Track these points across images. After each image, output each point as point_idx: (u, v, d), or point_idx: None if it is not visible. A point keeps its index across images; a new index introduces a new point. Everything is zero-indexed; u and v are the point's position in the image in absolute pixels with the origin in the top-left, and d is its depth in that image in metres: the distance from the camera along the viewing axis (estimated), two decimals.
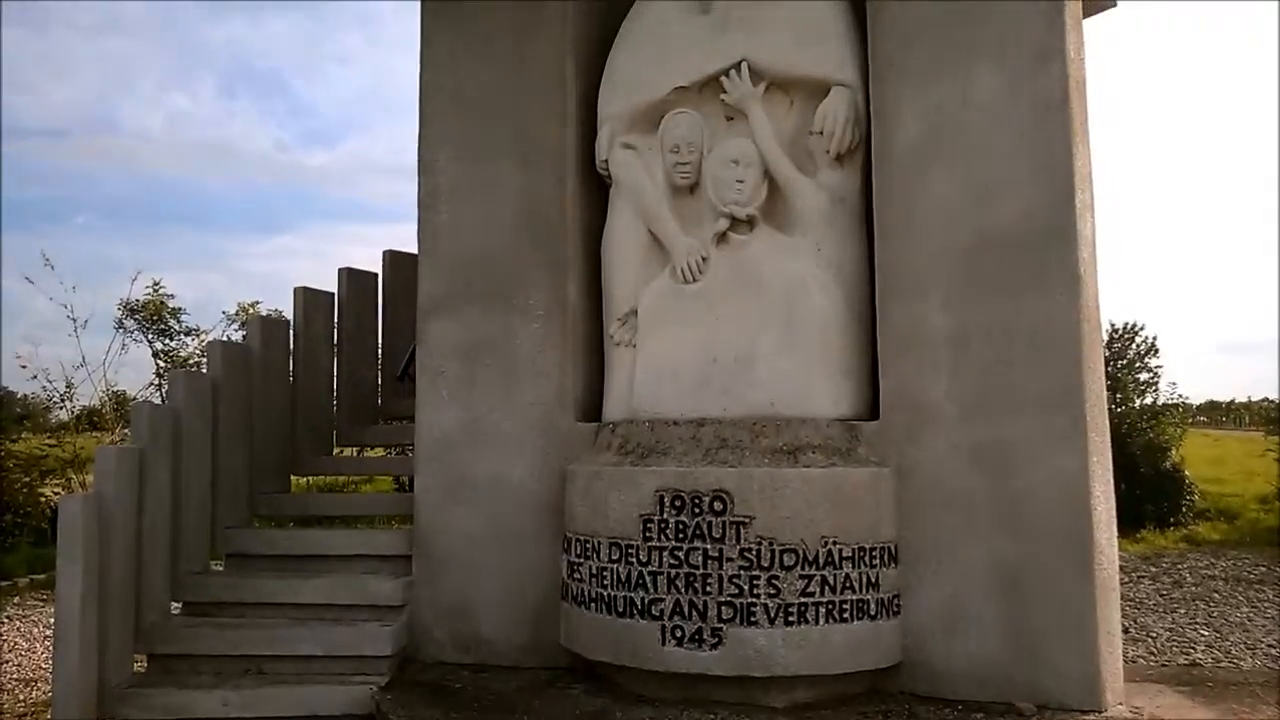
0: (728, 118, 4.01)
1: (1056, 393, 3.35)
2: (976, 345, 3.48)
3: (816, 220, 3.82)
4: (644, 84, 4.07)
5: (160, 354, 12.63)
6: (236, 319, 12.89)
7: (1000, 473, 3.41)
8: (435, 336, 4.27)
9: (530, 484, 4.10)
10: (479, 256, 4.24)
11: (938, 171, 3.60)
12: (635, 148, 4.10)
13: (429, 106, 4.37)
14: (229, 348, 4.96)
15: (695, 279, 3.88)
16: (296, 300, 5.60)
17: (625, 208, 4.12)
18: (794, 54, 3.89)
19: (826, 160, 3.84)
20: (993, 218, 3.48)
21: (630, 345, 4.01)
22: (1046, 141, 3.43)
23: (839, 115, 3.79)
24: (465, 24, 4.35)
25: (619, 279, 4.10)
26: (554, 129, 4.21)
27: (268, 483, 5.10)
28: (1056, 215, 3.39)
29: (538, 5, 4.25)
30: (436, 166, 4.33)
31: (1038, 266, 3.41)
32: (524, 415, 4.13)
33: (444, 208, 4.30)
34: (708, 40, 3.97)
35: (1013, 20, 3.52)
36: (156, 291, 12.64)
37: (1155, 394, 11.99)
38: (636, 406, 3.89)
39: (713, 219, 3.89)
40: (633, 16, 4.21)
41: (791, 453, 3.53)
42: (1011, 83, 3.50)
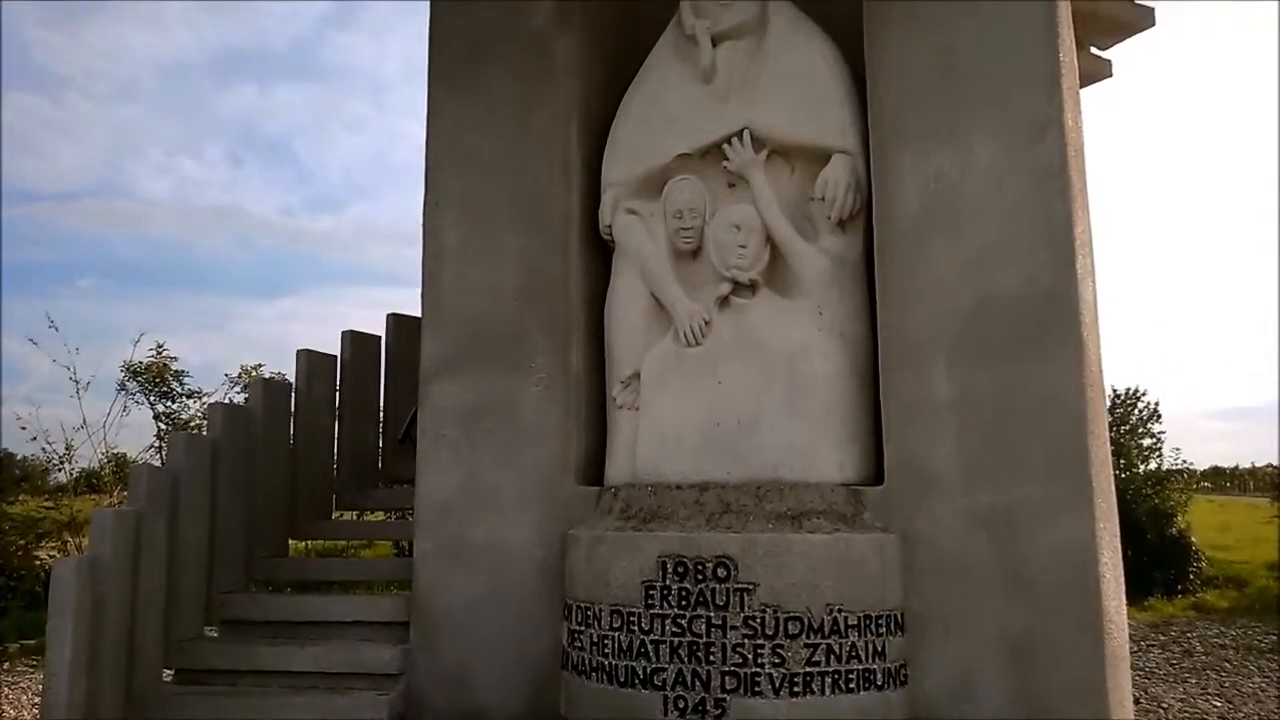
0: (730, 184, 4.06)
1: (1061, 458, 3.32)
2: (980, 410, 3.47)
3: (819, 285, 3.84)
4: (647, 151, 4.13)
5: (161, 416, 12.62)
6: (239, 381, 12.91)
7: (1007, 539, 3.36)
8: (437, 399, 4.26)
9: (531, 549, 4.05)
10: (482, 319, 4.26)
11: (939, 237, 3.63)
12: (638, 213, 4.15)
13: (434, 171, 4.43)
14: (230, 410, 4.95)
15: (698, 342, 3.89)
16: (299, 363, 5.61)
17: (628, 272, 4.15)
18: (795, 122, 3.95)
19: (828, 226, 3.88)
20: (994, 283, 3.50)
21: (633, 408, 4.00)
22: (1046, 208, 3.46)
23: (840, 182, 3.84)
24: (472, 92, 4.42)
25: (621, 342, 4.11)
26: (558, 194, 4.26)
27: (266, 547, 5.05)
28: (1057, 281, 3.41)
29: (543, 74, 4.33)
30: (441, 230, 4.37)
31: (1040, 331, 3.41)
32: (525, 479, 4.10)
33: (448, 271, 4.33)
34: (710, 109, 4.04)
35: (1011, 90, 3.57)
36: (160, 354, 12.68)
37: (1159, 460, 11.97)
38: (639, 470, 3.87)
39: (715, 283, 3.91)
40: (636, 85, 4.29)
41: (796, 518, 3.49)
42: (1011, 151, 3.54)
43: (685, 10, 4.13)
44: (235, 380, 13.01)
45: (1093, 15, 5.20)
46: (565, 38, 4.32)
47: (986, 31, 3.65)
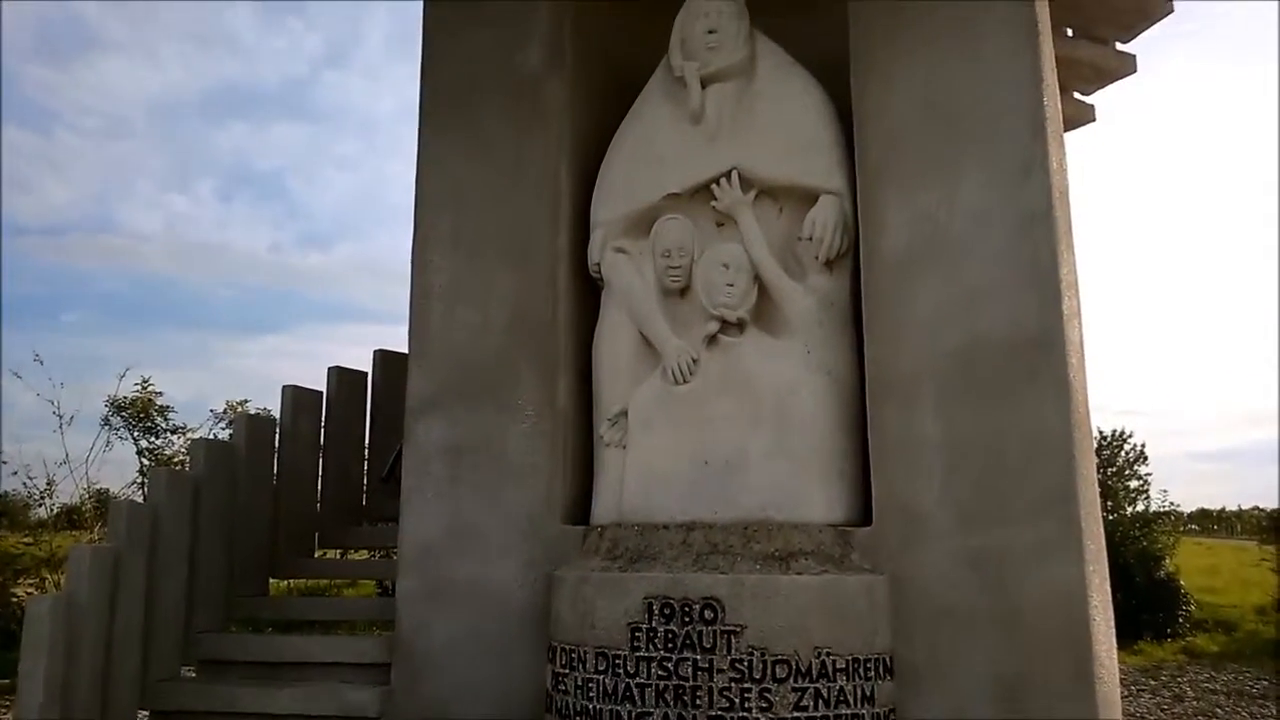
0: (718, 223, 4.08)
1: (1050, 499, 3.31)
2: (968, 451, 3.46)
3: (806, 324, 3.84)
4: (636, 191, 4.15)
5: (144, 452, 12.50)
6: (224, 417, 12.82)
7: (997, 581, 3.34)
8: (422, 436, 4.23)
9: (515, 589, 3.99)
10: (469, 356, 4.24)
11: (926, 277, 3.64)
12: (627, 251, 4.16)
13: (424, 208, 4.43)
14: (213, 446, 4.90)
15: (686, 380, 3.88)
16: (284, 399, 5.57)
17: (616, 309, 4.15)
18: (783, 163, 3.99)
19: (815, 265, 3.89)
20: (981, 323, 3.51)
21: (620, 446, 3.97)
22: (1032, 250, 3.48)
23: (827, 222, 3.86)
24: (463, 130, 4.45)
25: (609, 380, 4.09)
26: (547, 232, 4.26)
27: (246, 585, 4.97)
28: (1044, 322, 3.42)
29: (533, 114, 4.36)
30: (430, 267, 4.36)
31: (1027, 372, 3.41)
32: (511, 517, 4.06)
33: (435, 308, 4.32)
34: (699, 149, 4.07)
35: (996, 133, 3.61)
36: (145, 389, 12.59)
37: (1146, 502, 11.98)
38: (625, 510, 3.84)
39: (703, 322, 3.91)
40: (626, 125, 4.32)
41: (784, 559, 3.46)
42: (996, 192, 3.57)
43: (674, 53, 4.18)
44: (220, 416, 12.93)
45: (1075, 61, 5.29)
46: (555, 79, 4.35)
47: (972, 75, 3.69)
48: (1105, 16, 5.43)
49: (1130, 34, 5.65)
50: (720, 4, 4.12)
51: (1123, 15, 5.43)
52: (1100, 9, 5.35)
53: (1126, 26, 5.57)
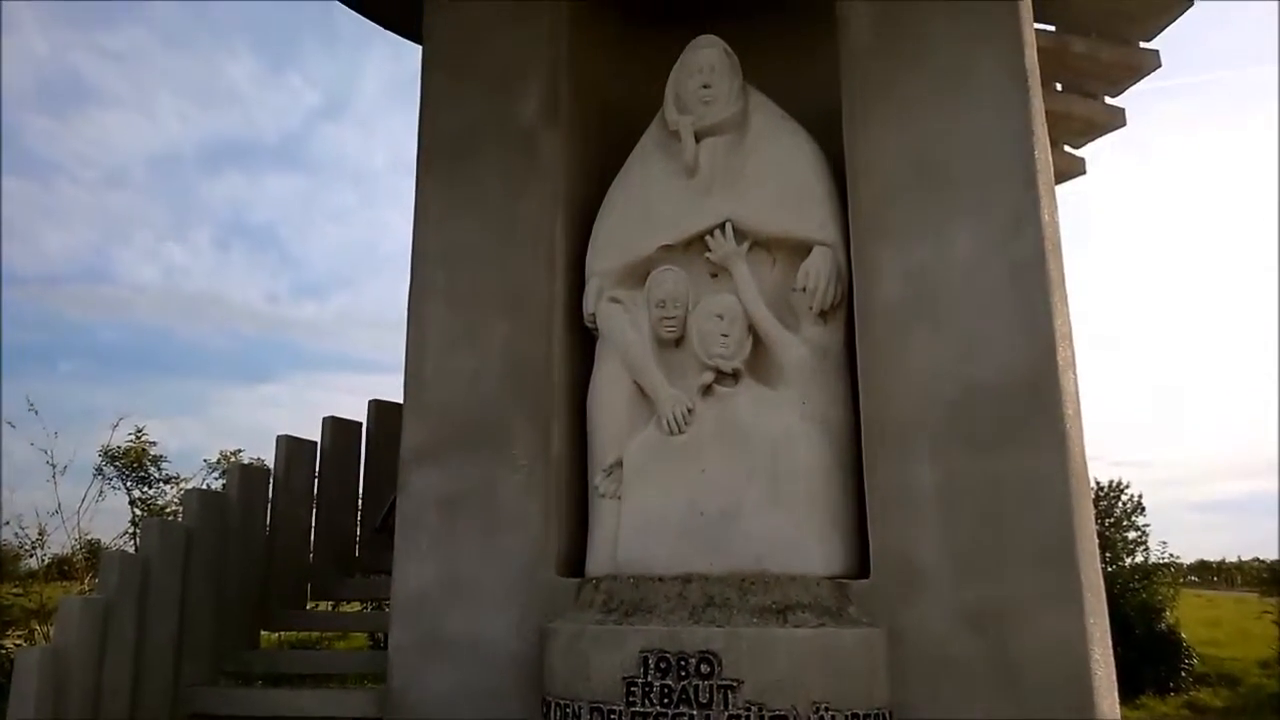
0: (712, 274, 4.10)
1: (1049, 551, 3.29)
2: (966, 502, 3.44)
3: (801, 374, 3.85)
4: (631, 242, 4.18)
5: (137, 502, 12.39)
6: (218, 467, 12.74)
7: (996, 635, 3.30)
8: (417, 487, 4.20)
9: (509, 642, 3.94)
10: (464, 406, 4.23)
11: (920, 328, 3.65)
12: (622, 302, 4.18)
13: (420, 258, 4.46)
14: (206, 497, 4.87)
15: (681, 431, 3.87)
16: (279, 449, 5.55)
17: (611, 360, 4.16)
18: (776, 215, 4.02)
19: (810, 316, 3.91)
20: (977, 374, 3.52)
21: (615, 497, 3.95)
22: (1026, 301, 3.50)
23: (821, 273, 3.89)
24: (459, 181, 4.49)
25: (604, 430, 4.08)
26: (542, 283, 4.28)
27: (237, 637, 4.91)
28: (1039, 372, 3.43)
29: (529, 166, 4.40)
30: (425, 317, 4.38)
31: (1023, 423, 3.42)
32: (505, 569, 4.02)
33: (431, 358, 4.32)
34: (693, 202, 4.11)
35: (988, 185, 3.66)
36: (139, 438, 12.53)
37: (1145, 553, 11.90)
38: (621, 561, 3.80)
39: (698, 372, 3.92)
40: (621, 177, 4.37)
41: (781, 612, 3.42)
42: (989, 244, 3.60)
43: (669, 107, 4.24)
44: (214, 466, 12.85)
45: (1065, 115, 5.38)
46: (551, 132, 4.41)
47: (963, 128, 3.75)
48: (1094, 71, 5.54)
49: (1119, 88, 5.75)
50: (714, 61, 4.19)
51: (1111, 70, 5.53)
52: (1089, 64, 5.46)
53: (1115, 81, 5.68)
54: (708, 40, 4.26)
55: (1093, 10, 5.32)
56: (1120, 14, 5.31)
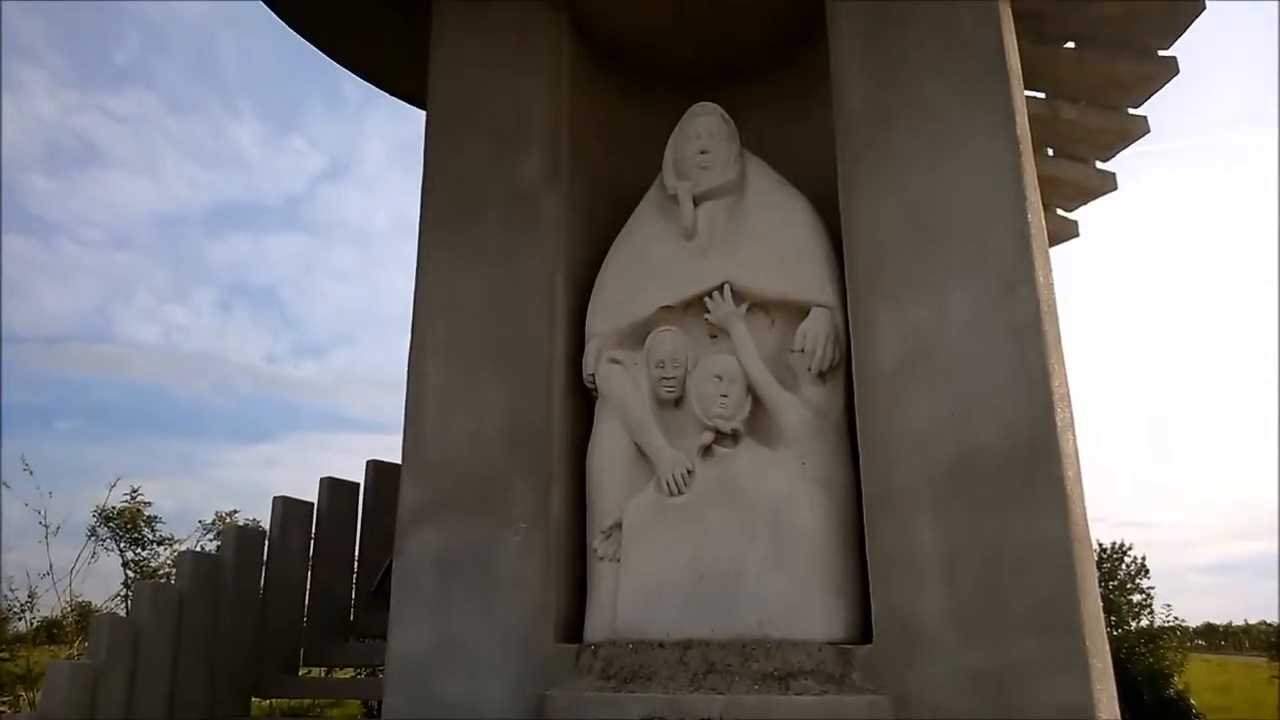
0: (711, 335, 4.13)
1: (1052, 614, 3.25)
2: (968, 565, 3.41)
3: (801, 435, 3.85)
4: (630, 303, 4.21)
5: (130, 563, 12.26)
6: (213, 528, 12.63)
7: (1001, 700, 3.24)
8: (414, 548, 4.16)
9: (507, 708, 3.86)
10: (463, 466, 4.21)
11: (918, 388, 3.66)
12: (621, 362, 4.19)
13: (421, 317, 4.47)
14: (200, 559, 4.82)
15: (681, 492, 3.85)
16: (274, 510, 5.51)
17: (611, 420, 4.16)
18: (774, 277, 4.06)
19: (809, 377, 3.92)
20: (976, 435, 3.51)
21: (614, 560, 3.92)
22: (1023, 362, 3.51)
23: (819, 334, 3.91)
24: (460, 241, 4.53)
25: (603, 491, 4.06)
26: (543, 342, 4.30)
27: (228, 704, 4.81)
28: (1038, 433, 3.42)
29: (531, 227, 4.45)
30: (425, 376, 4.38)
31: (1024, 485, 3.40)
32: (503, 633, 3.96)
33: (430, 417, 4.32)
34: (691, 263, 4.15)
35: (983, 248, 3.69)
36: (134, 499, 12.44)
37: (1151, 616, 11.75)
38: (620, 626, 3.75)
39: (698, 432, 3.92)
40: (621, 239, 4.42)
41: (783, 679, 3.37)
42: (985, 305, 3.62)
43: (668, 172, 4.32)
44: (209, 527, 12.74)
45: (1056, 180, 5.45)
46: (553, 194, 4.47)
47: (957, 190, 3.80)
48: (1083, 137, 5.64)
49: (1109, 153, 5.84)
50: (712, 128, 4.28)
51: (1100, 136, 5.63)
52: (1079, 130, 5.55)
53: (1105, 146, 5.77)
54: (706, 108, 4.35)
55: (1081, 78, 5.43)
56: (1108, 81, 5.42)
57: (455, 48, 4.79)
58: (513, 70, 4.66)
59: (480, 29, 4.76)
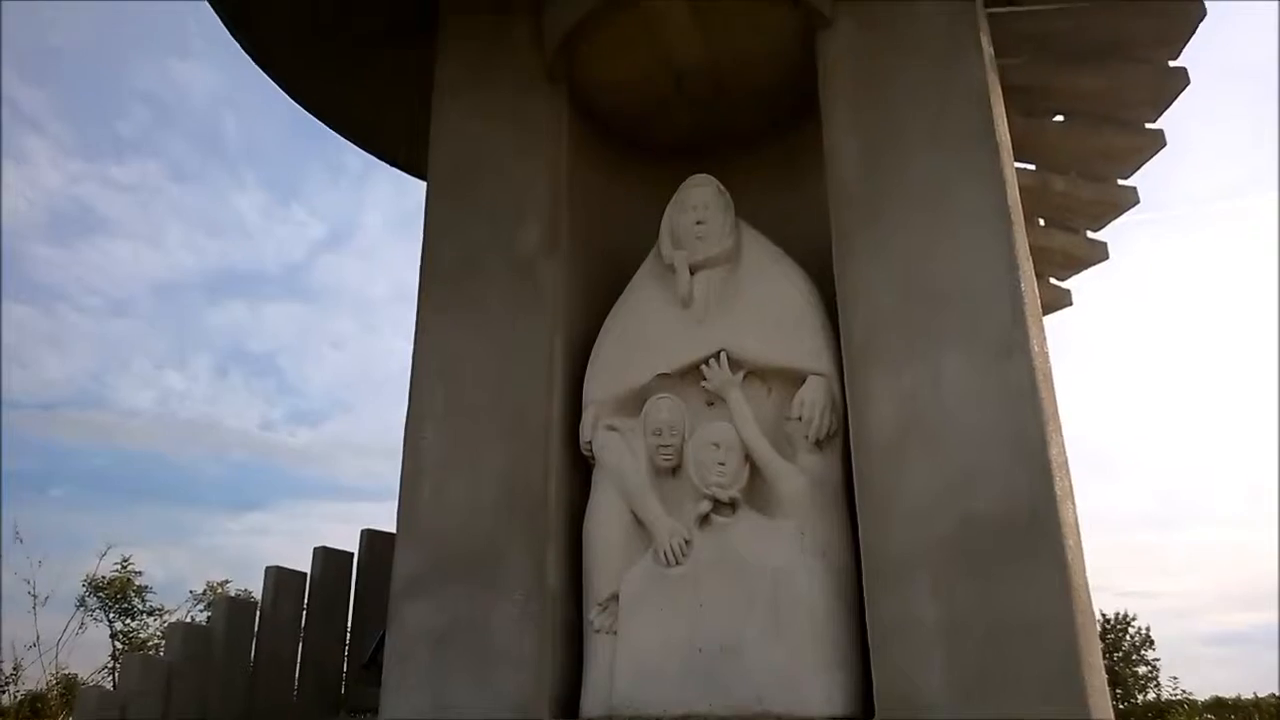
0: (708, 403, 4.13)
1: (1056, 687, 3.19)
2: (969, 636, 3.36)
3: (799, 504, 3.82)
4: (628, 370, 4.23)
5: (119, 634, 12.05)
6: (204, 599, 12.46)
7: None
8: (407, 619, 4.10)
9: None
10: (459, 535, 4.18)
11: (915, 457, 3.65)
12: (619, 429, 4.19)
13: (419, 383, 4.48)
14: (190, 631, 4.75)
15: (678, 562, 3.82)
16: (267, 580, 5.45)
17: (608, 488, 4.14)
18: (770, 345, 4.09)
19: (806, 445, 3.91)
20: (975, 504, 3.49)
21: (610, 632, 3.86)
22: (1020, 430, 3.51)
23: (816, 402, 3.92)
24: (459, 307, 4.56)
25: (600, 561, 4.02)
26: (540, 409, 4.30)
27: None
28: (1037, 502, 3.40)
29: (529, 293, 4.48)
30: (422, 442, 4.37)
31: (1024, 554, 3.37)
32: (498, 708, 3.87)
33: (426, 484, 4.29)
34: (688, 331, 4.18)
35: (977, 315, 3.72)
36: (124, 568, 12.29)
37: (1157, 689, 11.55)
38: (617, 701, 3.68)
39: (695, 501, 3.89)
40: (618, 307, 4.45)
41: None
42: (980, 373, 3.64)
43: (664, 241, 4.38)
44: (200, 597, 12.57)
45: (1048, 249, 5.52)
46: (550, 260, 4.51)
47: (949, 259, 3.84)
48: (1074, 207, 5.72)
49: (1100, 223, 5.93)
50: (707, 198, 4.36)
51: (1090, 206, 5.72)
52: (1069, 201, 5.64)
53: (1096, 216, 5.86)
54: (701, 179, 4.43)
55: (1070, 150, 5.54)
56: (1097, 153, 5.53)
57: (456, 119, 4.89)
58: (512, 141, 4.75)
59: (480, 101, 4.87)
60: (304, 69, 5.66)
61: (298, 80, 5.76)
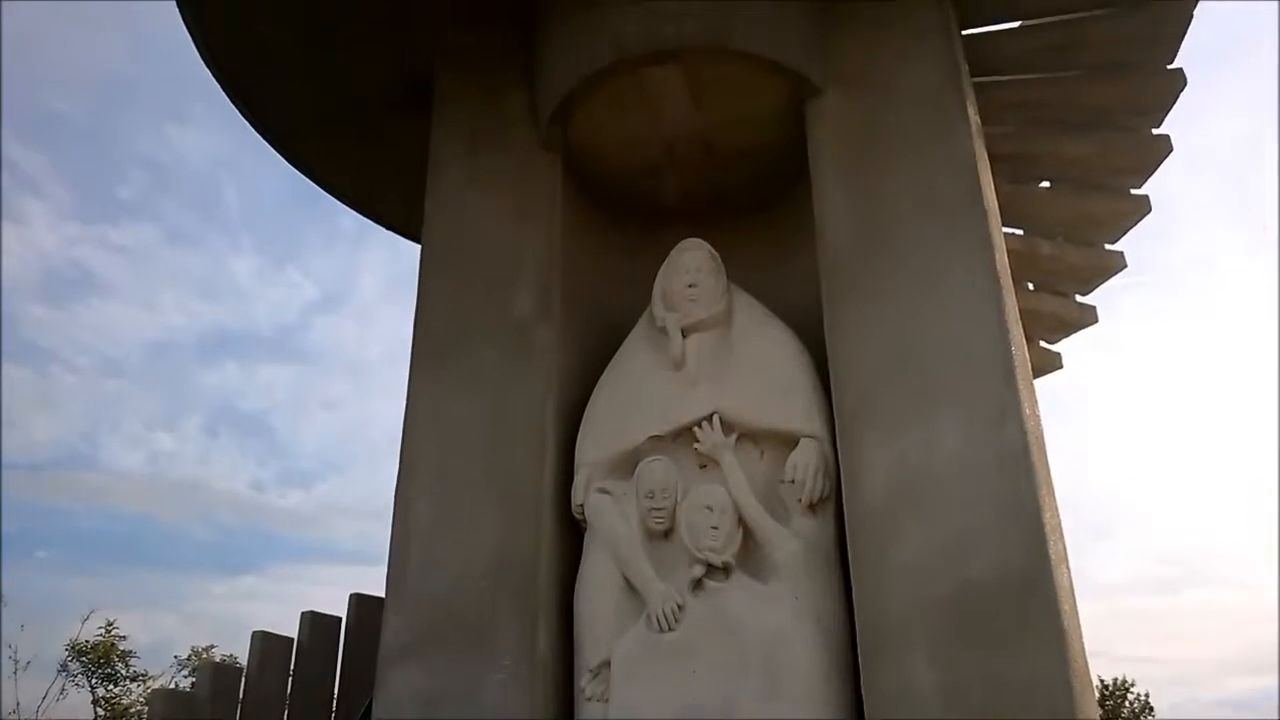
0: (701, 465, 4.12)
1: None
2: (966, 703, 3.30)
3: (792, 568, 3.79)
4: (620, 433, 4.22)
5: (100, 701, 11.81)
6: (188, 664, 12.25)
7: None
8: (395, 685, 4.02)
9: None
10: (448, 600, 4.12)
11: (909, 521, 3.63)
12: (611, 492, 4.17)
13: (410, 447, 4.46)
14: (172, 698, 4.67)
15: (671, 628, 3.76)
16: (253, 645, 5.36)
17: (599, 552, 4.10)
18: (763, 407, 4.09)
19: (799, 509, 3.90)
20: (969, 569, 3.47)
21: (603, 700, 3.79)
22: (1013, 494, 3.50)
23: (809, 465, 3.92)
24: (452, 371, 4.56)
25: (591, 628, 3.96)
26: (532, 473, 4.28)
27: None
28: (1031, 567, 3.38)
29: (522, 357, 4.49)
30: (412, 505, 4.33)
31: (1019, 619, 3.34)
32: None
33: (415, 548, 4.25)
34: (681, 394, 4.19)
35: (968, 380, 3.74)
36: (109, 633, 12.09)
37: None
38: None
39: (688, 565, 3.86)
40: (611, 369, 4.46)
41: None
42: (973, 437, 3.64)
43: (657, 304, 4.41)
44: (184, 663, 12.35)
45: (1037, 313, 5.56)
46: (544, 325, 4.52)
47: (940, 323, 3.87)
48: (1062, 271, 5.80)
49: (1089, 287, 5.99)
50: (700, 262, 4.40)
51: (1079, 271, 5.79)
52: (1056, 265, 5.72)
53: (1084, 280, 5.93)
54: (694, 243, 4.48)
55: (1057, 215, 5.63)
56: (1083, 219, 5.62)
57: (451, 186, 4.95)
58: (507, 208, 4.80)
59: (476, 168, 4.94)
60: (302, 136, 5.75)
61: (296, 146, 5.84)
